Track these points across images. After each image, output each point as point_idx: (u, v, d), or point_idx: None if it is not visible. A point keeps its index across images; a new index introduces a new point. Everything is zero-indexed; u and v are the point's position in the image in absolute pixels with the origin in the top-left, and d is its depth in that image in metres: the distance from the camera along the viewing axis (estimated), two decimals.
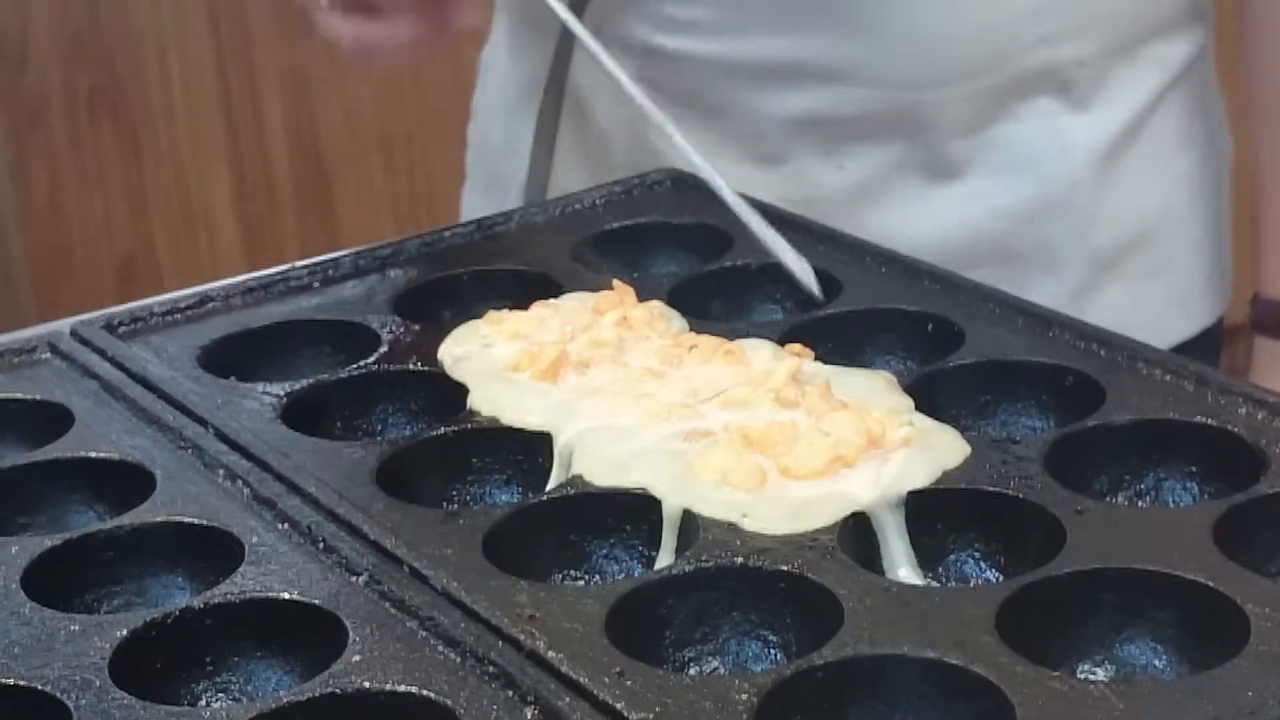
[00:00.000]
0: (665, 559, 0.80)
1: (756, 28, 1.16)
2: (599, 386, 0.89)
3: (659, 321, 0.95)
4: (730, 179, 1.12)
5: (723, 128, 1.20)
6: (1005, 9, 1.15)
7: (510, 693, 0.70)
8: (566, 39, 1.23)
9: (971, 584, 0.79)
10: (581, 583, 0.81)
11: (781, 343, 0.93)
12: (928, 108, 1.16)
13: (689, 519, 0.79)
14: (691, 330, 0.95)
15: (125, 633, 0.74)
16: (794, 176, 1.19)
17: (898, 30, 1.14)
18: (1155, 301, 1.23)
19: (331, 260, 1.06)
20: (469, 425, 0.88)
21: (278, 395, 0.92)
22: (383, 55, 1.02)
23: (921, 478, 0.81)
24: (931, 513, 0.80)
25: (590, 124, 1.25)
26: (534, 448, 0.87)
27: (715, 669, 0.75)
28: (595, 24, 1.21)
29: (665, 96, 1.20)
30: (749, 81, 1.18)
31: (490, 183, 1.33)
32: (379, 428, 0.93)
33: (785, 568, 0.76)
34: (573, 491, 0.82)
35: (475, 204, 1.34)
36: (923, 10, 1.14)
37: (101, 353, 0.97)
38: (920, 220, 1.18)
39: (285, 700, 0.70)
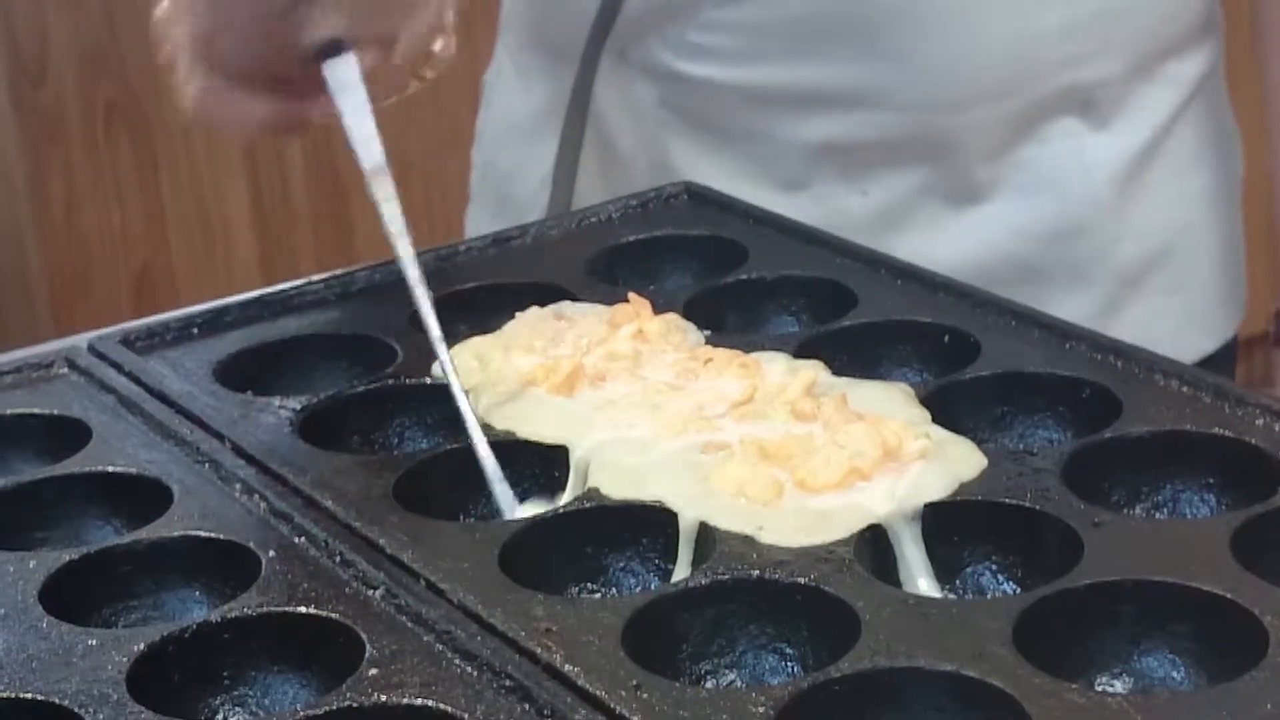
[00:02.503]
0: (682, 572, 0.80)
1: (779, 54, 1.16)
2: (615, 399, 0.89)
3: (675, 334, 0.95)
4: (753, 203, 1.12)
5: (746, 153, 1.20)
6: (1029, 32, 1.15)
7: (527, 706, 0.70)
8: (589, 64, 1.23)
9: (989, 596, 0.79)
10: (598, 596, 0.81)
11: (797, 355, 0.93)
12: (951, 131, 1.16)
13: (705, 532, 0.79)
14: (707, 343, 0.95)
15: (142, 647, 0.74)
16: (817, 201, 1.19)
17: (921, 55, 1.14)
18: (1175, 318, 1.23)
19: (348, 274, 1.06)
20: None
21: (294, 409, 0.92)
22: (225, 124, 1.00)
23: (938, 490, 0.81)
24: (948, 525, 0.80)
25: (613, 150, 1.24)
26: (550, 461, 0.87)
27: (732, 682, 0.75)
28: (619, 49, 1.21)
29: (688, 122, 1.20)
30: (772, 107, 1.18)
31: (498, 206, 1.32)
32: (395, 441, 0.93)
33: (802, 580, 0.75)
34: (589, 504, 0.82)
35: (481, 227, 1.32)
36: (946, 35, 1.14)
37: (118, 367, 0.97)
38: (945, 243, 1.18)
39: (302, 714, 0.70)
